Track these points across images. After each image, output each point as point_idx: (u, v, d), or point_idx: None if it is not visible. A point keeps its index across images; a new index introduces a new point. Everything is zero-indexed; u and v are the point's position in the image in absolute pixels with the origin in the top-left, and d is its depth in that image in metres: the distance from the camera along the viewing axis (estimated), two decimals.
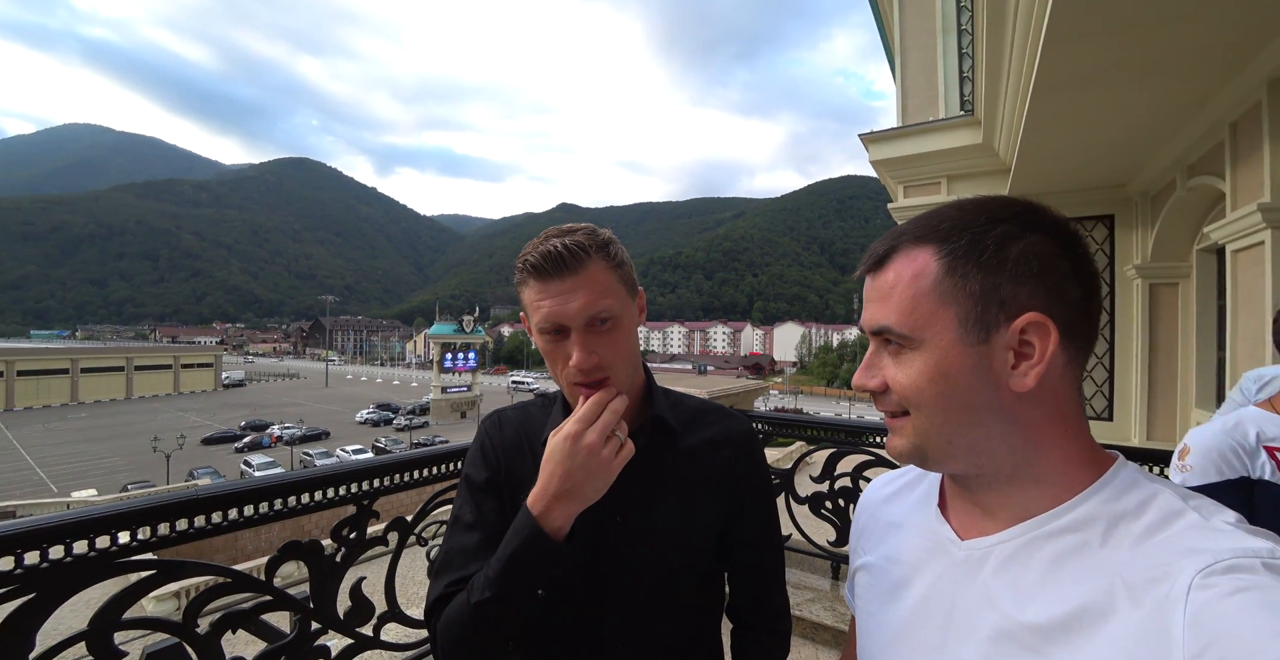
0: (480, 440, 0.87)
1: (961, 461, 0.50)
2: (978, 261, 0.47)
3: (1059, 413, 0.48)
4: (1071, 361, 0.48)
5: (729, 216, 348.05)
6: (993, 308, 0.47)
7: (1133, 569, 0.41)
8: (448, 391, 48.71)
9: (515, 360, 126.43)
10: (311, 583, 1.36)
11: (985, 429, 0.48)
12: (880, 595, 0.60)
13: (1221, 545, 0.39)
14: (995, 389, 0.47)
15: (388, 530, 1.58)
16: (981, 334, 0.47)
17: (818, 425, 2.61)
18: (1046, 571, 0.46)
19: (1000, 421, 0.48)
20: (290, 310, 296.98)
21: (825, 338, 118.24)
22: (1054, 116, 3.68)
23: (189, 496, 1.21)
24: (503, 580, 0.67)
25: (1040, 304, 0.46)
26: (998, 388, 0.47)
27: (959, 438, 0.49)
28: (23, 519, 1.03)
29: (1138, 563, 0.41)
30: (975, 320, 0.47)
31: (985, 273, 0.47)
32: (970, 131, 5.56)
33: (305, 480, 1.35)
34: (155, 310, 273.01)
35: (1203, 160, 4.03)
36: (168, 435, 33.55)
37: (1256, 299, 3.31)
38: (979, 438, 0.49)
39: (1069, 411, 0.49)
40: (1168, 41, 2.77)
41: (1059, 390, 0.48)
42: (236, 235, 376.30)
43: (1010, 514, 0.50)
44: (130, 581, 1.13)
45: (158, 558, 1.19)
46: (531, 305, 0.76)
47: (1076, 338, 0.48)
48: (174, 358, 67.67)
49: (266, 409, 52.23)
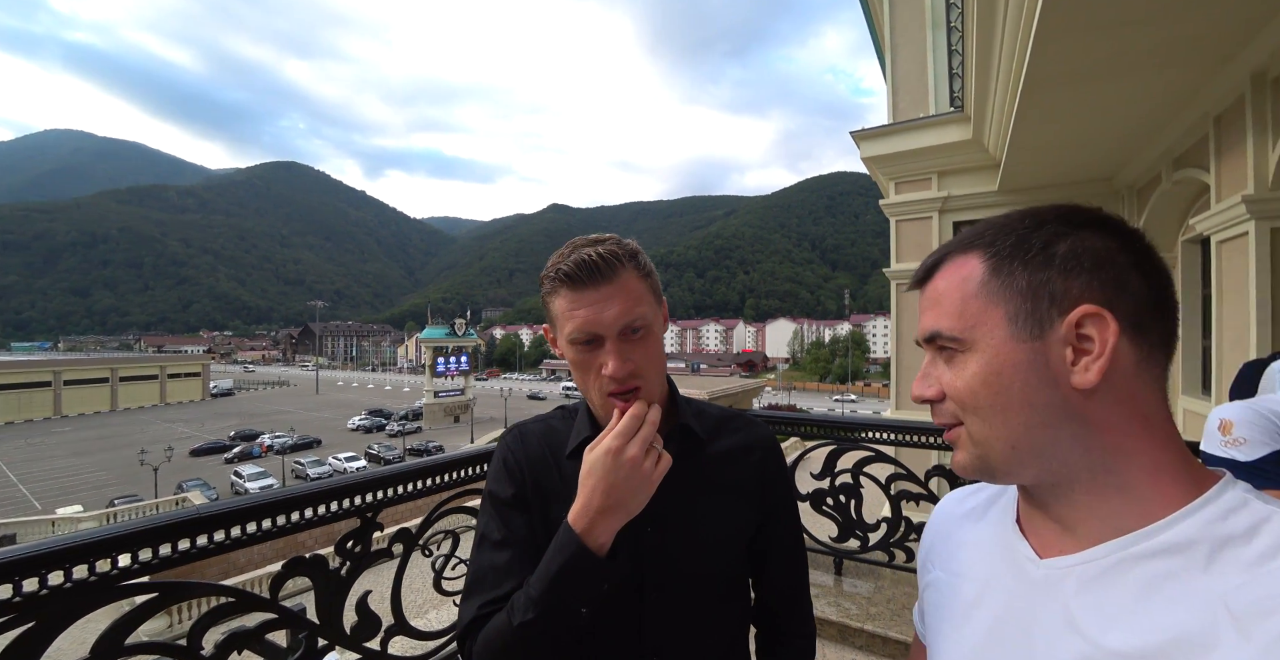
0: (503, 455, 0.86)
1: (1031, 468, 0.48)
2: (1023, 260, 0.47)
3: (1139, 414, 0.45)
4: (1146, 359, 0.45)
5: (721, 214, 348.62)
6: (1043, 303, 0.46)
7: (1242, 599, 0.38)
8: (440, 396, 48.46)
9: (508, 363, 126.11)
10: (317, 599, 1.34)
11: (1051, 430, 0.46)
12: (952, 615, 0.57)
13: None
14: (1056, 387, 0.45)
15: (392, 541, 1.56)
16: (1035, 330, 0.46)
17: (816, 422, 2.62)
18: (1138, 596, 0.42)
19: (1067, 421, 0.46)
20: (279, 316, 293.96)
21: (817, 333, 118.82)
22: (1043, 112, 3.72)
23: (190, 516, 1.19)
24: (547, 599, 0.66)
25: (1097, 297, 0.45)
26: (1058, 385, 0.45)
27: (1022, 441, 0.47)
28: (21, 545, 1.00)
29: (1248, 592, 0.38)
30: (1026, 317, 0.46)
31: (1032, 270, 0.46)
32: (960, 127, 5.61)
33: (309, 495, 1.32)
34: (140, 319, 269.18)
35: (1188, 153, 4.08)
36: (155, 447, 33.11)
37: (1240, 288, 3.36)
38: (1045, 440, 0.46)
39: (1151, 413, 0.46)
40: (1156, 36, 2.80)
41: (1134, 389, 0.45)
42: (223, 241, 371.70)
43: (1094, 530, 0.47)
44: (133, 604, 1.11)
45: (159, 580, 1.17)
46: (563, 315, 0.75)
47: (1149, 333, 0.45)
48: (160, 367, 66.73)
49: (256, 418, 51.69)
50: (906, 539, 2.40)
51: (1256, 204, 3.13)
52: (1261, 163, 3.09)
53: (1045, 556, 0.50)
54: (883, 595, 2.48)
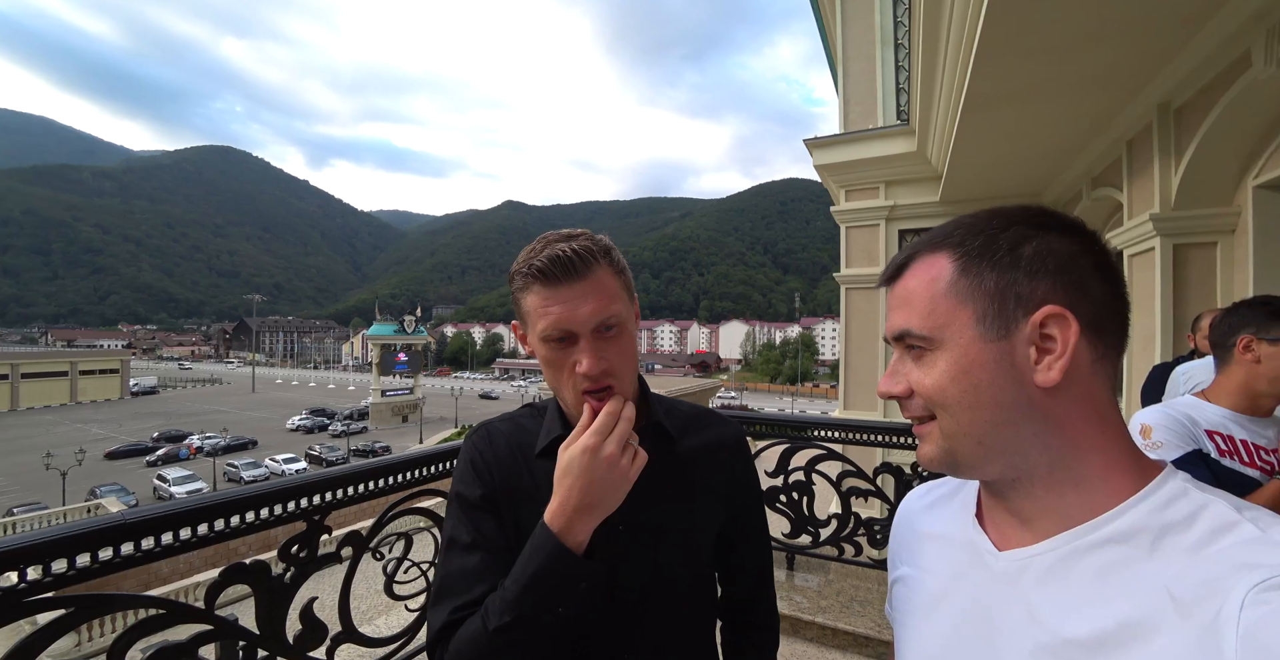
0: (469, 456, 0.83)
1: (996, 464, 0.49)
2: (992, 260, 0.48)
3: (1095, 412, 0.48)
4: (1101, 358, 0.48)
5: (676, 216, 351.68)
6: (1009, 304, 0.47)
7: (1183, 583, 0.40)
8: (388, 395, 46.69)
9: (459, 361, 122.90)
10: (258, 607, 1.27)
11: (1016, 427, 0.47)
12: (918, 609, 0.59)
13: (1278, 559, 0.38)
14: (1021, 385, 0.47)
15: (341, 545, 1.50)
16: (1001, 330, 0.47)
17: (771, 421, 2.70)
18: (1090, 584, 0.44)
19: (1032, 420, 0.47)
20: (211, 310, 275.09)
21: (769, 335, 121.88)
22: (981, 129, 3.97)
23: (114, 522, 1.10)
24: (525, 601, 0.64)
25: (1061, 298, 0.46)
26: (1023, 384, 0.47)
27: (989, 437, 0.48)
28: None
29: (1188, 577, 0.40)
30: (993, 317, 0.48)
31: (1000, 270, 0.48)
32: (906, 140, 5.89)
33: (251, 497, 1.25)
34: (47, 311, 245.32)
35: (1105, 173, 4.46)
36: (64, 450, 30.21)
37: (1148, 299, 3.70)
38: (1010, 437, 0.48)
39: (1106, 411, 0.48)
40: (1078, 65, 3.05)
41: (1091, 387, 0.47)
42: (148, 228, 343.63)
43: (1050, 523, 0.49)
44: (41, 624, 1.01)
45: (75, 593, 1.08)
46: (535, 312, 0.73)
47: (1105, 333, 0.48)
48: (70, 363, 60.89)
49: (185, 417, 48.16)
50: (856, 534, 2.50)
51: (1162, 222, 3.45)
52: (1166, 184, 3.42)
53: (1004, 549, 0.52)
54: (832, 588, 2.57)
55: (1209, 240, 3.37)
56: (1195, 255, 3.43)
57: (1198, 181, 3.26)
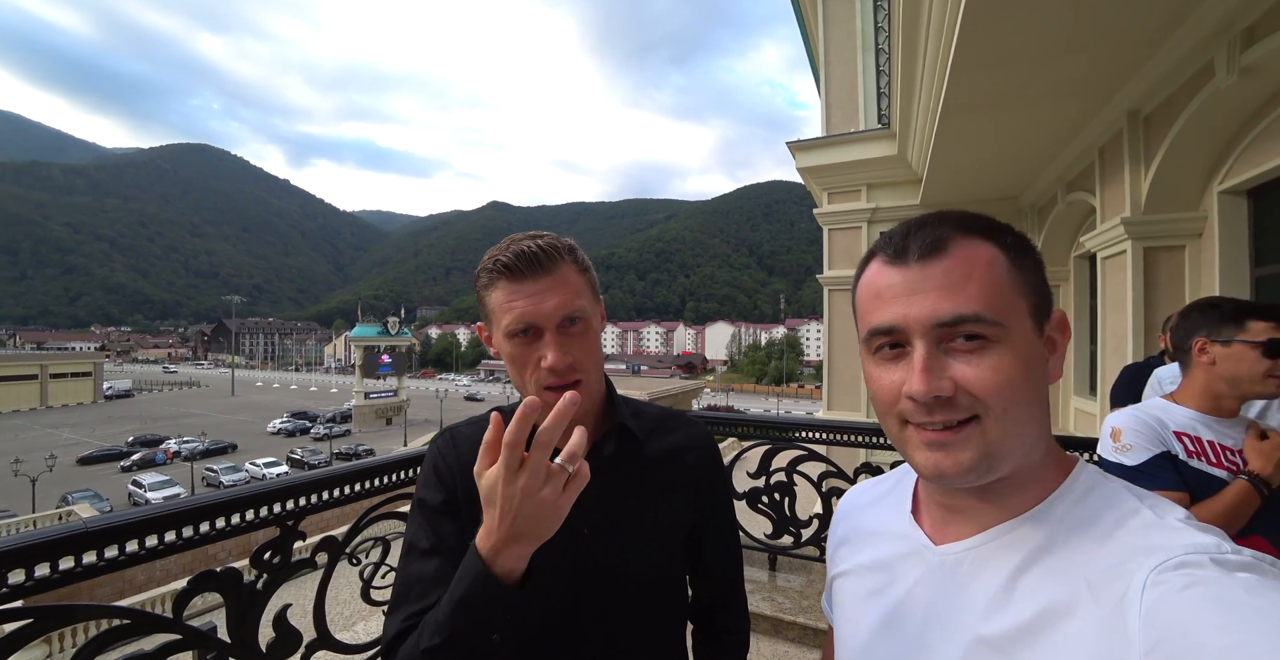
0: (433, 460, 0.82)
1: (1011, 465, 0.47)
2: (1030, 257, 0.49)
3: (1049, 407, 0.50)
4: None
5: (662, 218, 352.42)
6: (1044, 302, 0.49)
7: (1094, 568, 0.42)
8: (371, 397, 46.02)
9: (444, 363, 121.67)
10: (228, 615, 1.24)
11: (1037, 427, 0.48)
12: (857, 602, 0.60)
13: (1173, 542, 0.40)
14: (1045, 382, 0.48)
15: (316, 550, 1.47)
16: (1039, 328, 0.48)
17: (753, 422, 2.71)
18: (1015, 574, 0.46)
19: (1043, 418, 0.48)
20: (189, 312, 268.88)
21: (754, 337, 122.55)
22: (959, 134, 4.04)
23: (75, 530, 1.07)
24: (452, 625, 0.61)
25: (1053, 302, 0.50)
26: (1045, 381, 0.48)
27: (1029, 436, 0.47)
28: None
29: (1098, 562, 0.42)
30: (1039, 312, 0.48)
31: (1036, 270, 0.49)
32: (887, 143, 5.98)
33: (221, 503, 1.22)
34: (14, 312, 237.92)
35: (1078, 178, 4.56)
36: (33, 455, 29.30)
37: (1120, 300, 3.80)
38: (1032, 436, 0.47)
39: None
40: (1049, 74, 3.12)
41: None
42: (121, 227, 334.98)
43: (986, 517, 0.50)
44: (8, 632, 0.98)
45: (34, 604, 1.04)
46: (501, 307, 0.73)
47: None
48: (40, 367, 59.03)
49: (161, 422, 46.93)
50: None
51: (1133, 225, 3.55)
52: (1136, 189, 3.51)
53: (940, 543, 0.53)
54: (814, 589, 2.59)
55: (1177, 243, 3.47)
56: (1164, 258, 3.53)
57: (1166, 187, 3.36)
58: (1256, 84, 2.64)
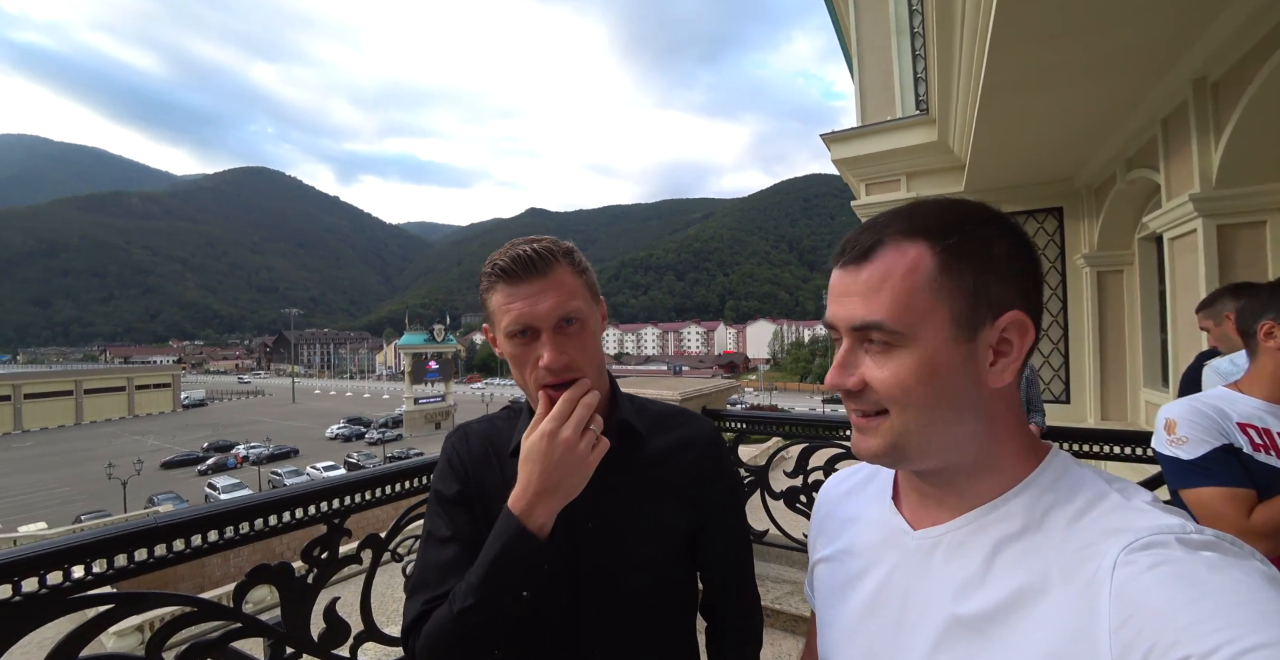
0: (447, 454, 0.87)
1: (935, 458, 0.51)
2: (970, 258, 0.48)
3: (1013, 406, 0.51)
4: (1025, 358, 0.50)
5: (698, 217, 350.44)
6: (982, 306, 0.48)
7: (1065, 550, 0.44)
8: (420, 402, 47.73)
9: (489, 368, 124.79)
10: (283, 606, 1.32)
11: (963, 426, 0.49)
12: (837, 588, 0.61)
13: (1140, 523, 0.42)
14: (976, 386, 0.48)
15: (361, 548, 1.54)
16: (970, 332, 0.48)
17: (790, 421, 2.66)
18: (990, 557, 0.47)
19: (976, 419, 0.49)
20: (252, 325, 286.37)
21: (797, 334, 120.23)
22: (1003, 115, 3.84)
23: (147, 525, 1.16)
24: (487, 584, 0.67)
25: (1020, 303, 0.48)
26: (979, 385, 0.48)
27: (938, 435, 0.49)
28: None
29: (1069, 544, 0.44)
30: (966, 318, 0.48)
31: (976, 270, 0.48)
32: (926, 130, 5.75)
33: (271, 501, 1.31)
34: (105, 330, 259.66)
35: (1139, 154, 4.26)
36: (124, 461, 31.96)
37: (1191, 283, 3.51)
38: (956, 435, 0.49)
39: (1017, 403, 0.52)
40: (1102, 45, 2.92)
41: (1012, 384, 0.50)
42: (192, 248, 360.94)
43: (961, 503, 0.51)
44: (87, 618, 1.08)
45: (116, 591, 1.14)
46: (500, 309, 0.76)
47: (1037, 334, 0.50)
48: (127, 379, 64.39)
49: (231, 428, 50.25)
50: None
51: (1203, 202, 3.28)
52: (1206, 163, 3.25)
53: (919, 528, 0.54)
54: None
55: (1256, 219, 3.18)
56: (1243, 235, 3.25)
57: (1241, 158, 3.09)
58: None
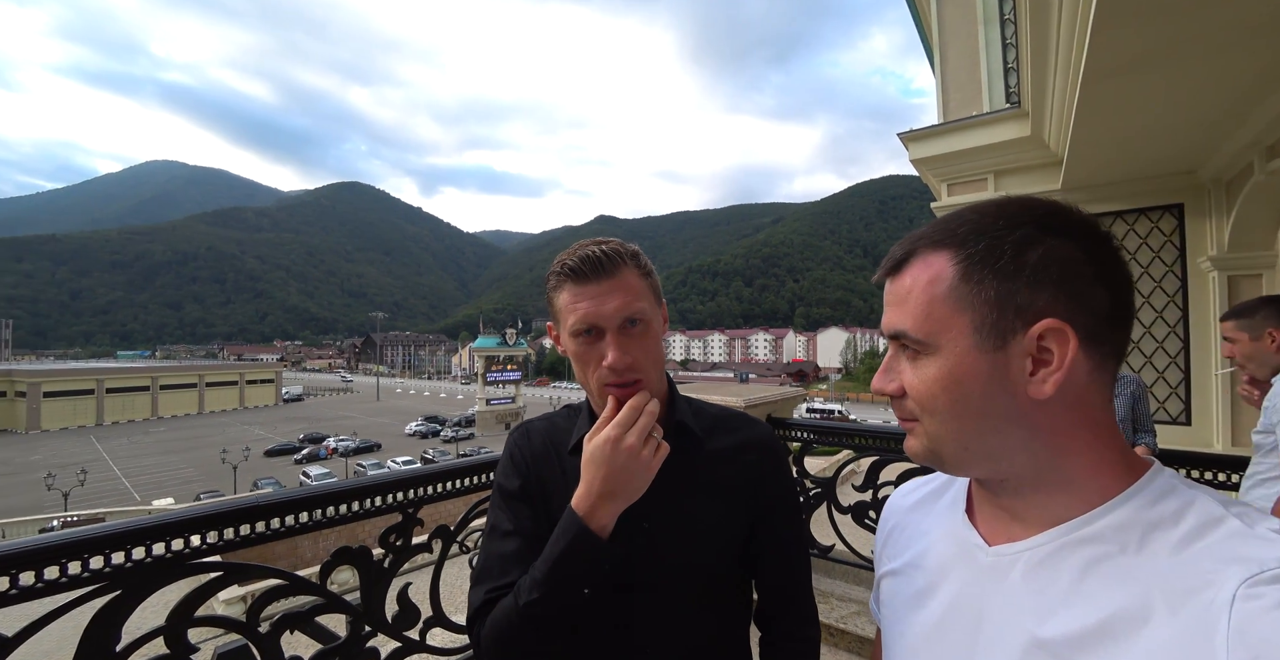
0: (510, 451, 0.90)
1: (980, 467, 0.50)
2: (994, 267, 0.46)
3: (1087, 419, 0.47)
4: (1099, 367, 0.47)
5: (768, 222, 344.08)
6: (1009, 314, 0.46)
7: (1171, 577, 0.40)
8: (492, 403, 49.81)
9: (557, 372, 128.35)
10: (361, 587, 1.42)
11: (1002, 436, 0.47)
12: (905, 602, 0.58)
13: (1267, 554, 0.37)
14: (1012, 396, 0.46)
15: (431, 538, 1.63)
16: (997, 340, 0.46)
17: (860, 433, 2.54)
18: (1077, 578, 0.44)
19: (1019, 429, 0.47)
20: (344, 327, 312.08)
21: (871, 342, 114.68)
22: (1108, 103, 3.49)
23: (250, 503, 1.29)
24: (551, 580, 0.69)
25: (1060, 310, 0.45)
26: (1015, 395, 0.46)
27: (974, 444, 0.48)
28: (110, 523, 1.13)
29: (1176, 571, 0.40)
30: (991, 327, 0.46)
31: (1001, 279, 0.46)
32: (1017, 124, 5.34)
33: (353, 489, 1.41)
34: (223, 330, 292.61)
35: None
36: (234, 448, 35.79)
37: None
38: (995, 444, 0.48)
39: (1098, 418, 0.48)
40: (1230, 14, 2.58)
41: (1084, 395, 0.47)
42: (294, 257, 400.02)
43: (1040, 519, 0.48)
44: (200, 582, 1.22)
45: (224, 560, 1.28)
46: (566, 308, 0.78)
47: (1103, 343, 0.46)
48: (239, 374, 72.20)
49: (323, 422, 54.84)
50: None
51: None
52: None
53: (993, 544, 0.52)
54: None
55: None
56: None
57: None
58: None
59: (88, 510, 21.95)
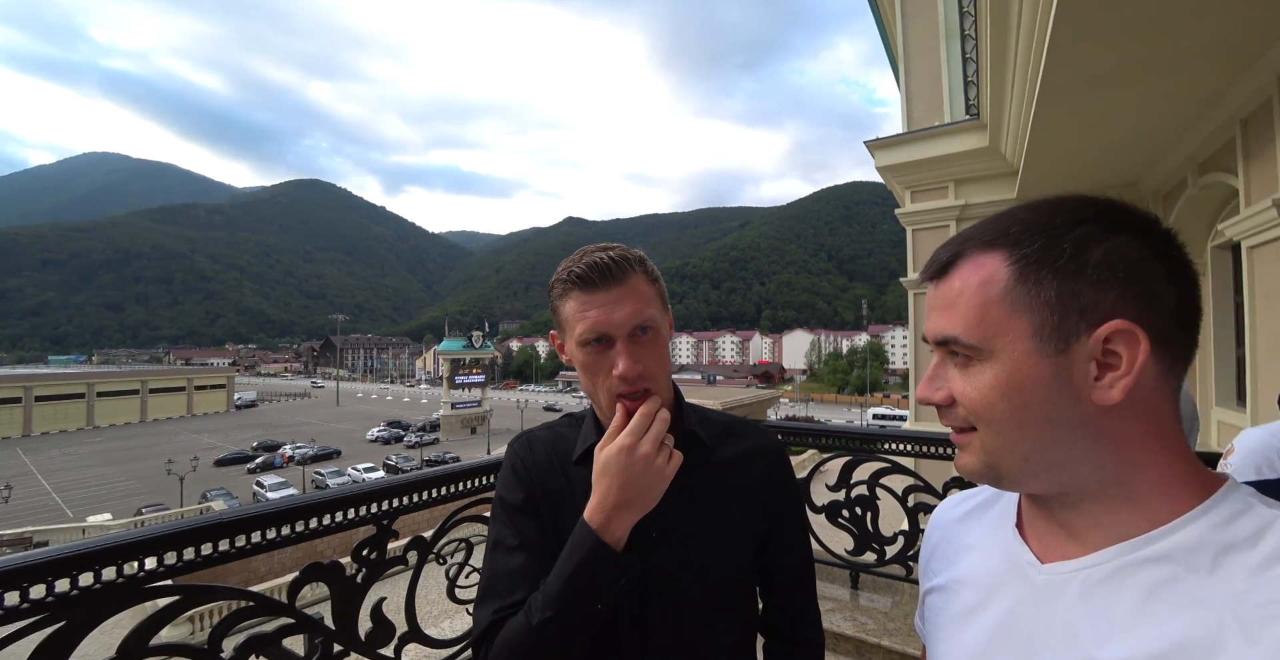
0: (511, 462, 0.87)
1: (1041, 480, 0.47)
2: (1053, 266, 0.43)
3: (1155, 427, 0.44)
4: (1168, 371, 0.44)
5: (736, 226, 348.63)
6: (1072, 316, 0.43)
7: (1248, 603, 0.37)
8: (457, 407, 48.81)
9: (524, 375, 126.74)
10: (333, 604, 1.35)
11: (1066, 445, 0.45)
12: (953, 620, 0.56)
13: None
14: (1077, 402, 0.43)
15: (407, 549, 1.57)
16: (1060, 344, 0.43)
17: (832, 433, 2.58)
18: (1141, 601, 0.41)
19: (1084, 437, 0.44)
20: (302, 330, 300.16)
21: (835, 344, 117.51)
22: (1061, 118, 3.68)
23: (214, 521, 1.21)
24: (566, 596, 0.67)
25: (1128, 311, 0.42)
26: (1079, 401, 0.43)
27: (1037, 454, 0.45)
28: (52, 548, 1.04)
29: (1254, 596, 0.37)
30: (1052, 329, 0.43)
31: (1062, 278, 0.43)
32: (977, 135, 5.57)
33: (327, 501, 1.34)
34: (170, 333, 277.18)
35: (1214, 157, 4.00)
36: (181, 458, 33.81)
37: (1274, 294, 3.26)
38: (1059, 455, 0.45)
39: (1167, 426, 0.45)
40: (1174, 41, 2.76)
41: (1154, 403, 0.44)
42: (249, 257, 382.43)
43: (1099, 536, 0.46)
44: (157, 607, 1.13)
45: (182, 583, 1.20)
46: (574, 316, 0.76)
47: (1173, 346, 0.44)
48: (187, 380, 68.43)
49: (279, 429, 52.56)
50: None
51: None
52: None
53: (1047, 561, 0.49)
54: (900, 610, 2.41)
55: None
56: None
57: None
58: None
59: (11, 530, 20.35)
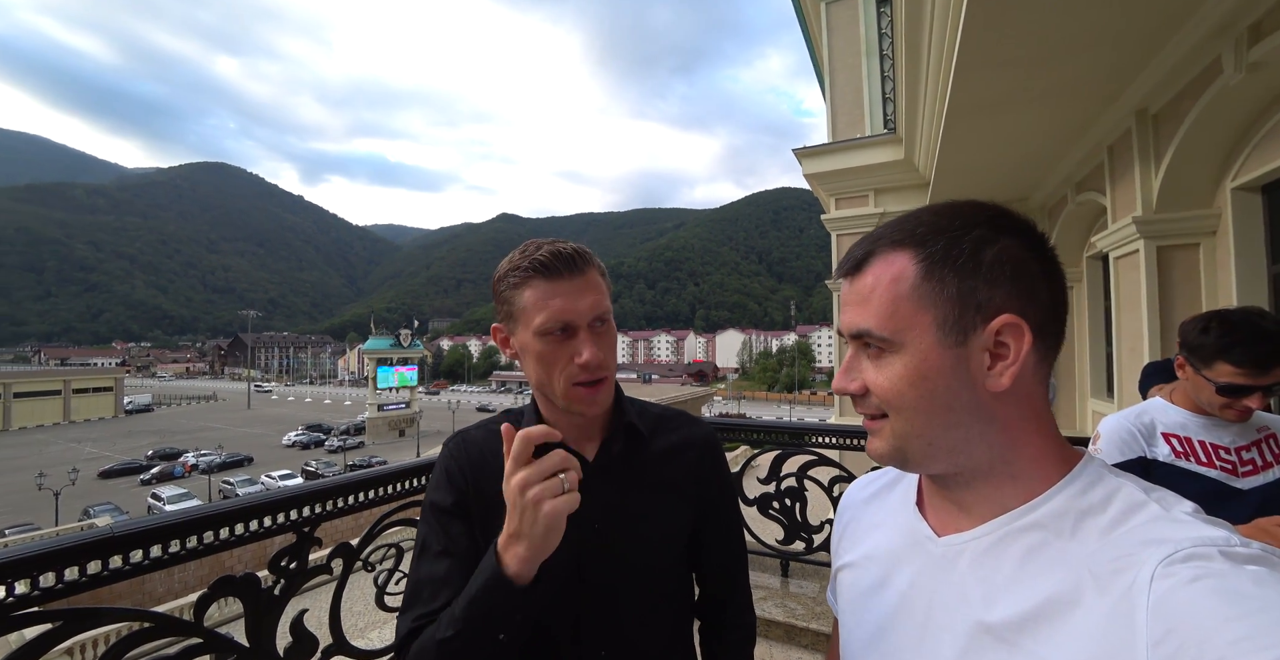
0: (444, 463, 0.85)
1: (942, 462, 0.51)
2: (954, 265, 0.48)
3: (1033, 411, 0.50)
4: (1042, 360, 0.49)
5: (670, 227, 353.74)
6: (970, 311, 0.48)
7: (1099, 560, 0.43)
8: (384, 409, 46.33)
9: (456, 375, 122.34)
10: (247, 620, 1.26)
11: (964, 429, 0.49)
12: (861, 594, 0.61)
13: (1181, 535, 0.41)
14: (973, 390, 0.48)
15: (331, 557, 1.49)
16: (959, 336, 0.48)
17: (762, 428, 2.70)
18: (1018, 565, 0.47)
19: (979, 421, 0.49)
20: (206, 327, 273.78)
21: (765, 344, 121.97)
22: (965, 136, 4.04)
23: (101, 536, 1.10)
24: (465, 619, 0.65)
25: (1015, 306, 0.47)
26: (975, 389, 0.48)
27: (939, 439, 0.50)
28: None
29: (1104, 554, 0.43)
30: (953, 323, 0.48)
31: (962, 276, 0.48)
32: (893, 148, 5.98)
33: (240, 509, 1.25)
34: (40, 329, 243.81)
35: (1088, 178, 4.53)
36: (57, 470, 29.86)
37: (1134, 300, 3.74)
38: (959, 438, 0.49)
39: (1040, 409, 0.51)
40: (1054, 74, 3.12)
41: (1031, 389, 0.50)
42: (141, 245, 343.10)
43: (986, 509, 0.51)
44: (36, 634, 1.01)
45: (63, 607, 1.08)
46: (534, 305, 0.74)
47: (1048, 337, 0.49)
48: (64, 382, 60.29)
49: (179, 435, 47.60)
50: None
51: (1145, 224, 3.51)
52: (1147, 188, 3.48)
53: (943, 535, 0.54)
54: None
55: (1191, 242, 3.42)
56: (1179, 256, 3.49)
57: (1177, 185, 3.32)
58: (1265, 80, 2.62)
59: None
